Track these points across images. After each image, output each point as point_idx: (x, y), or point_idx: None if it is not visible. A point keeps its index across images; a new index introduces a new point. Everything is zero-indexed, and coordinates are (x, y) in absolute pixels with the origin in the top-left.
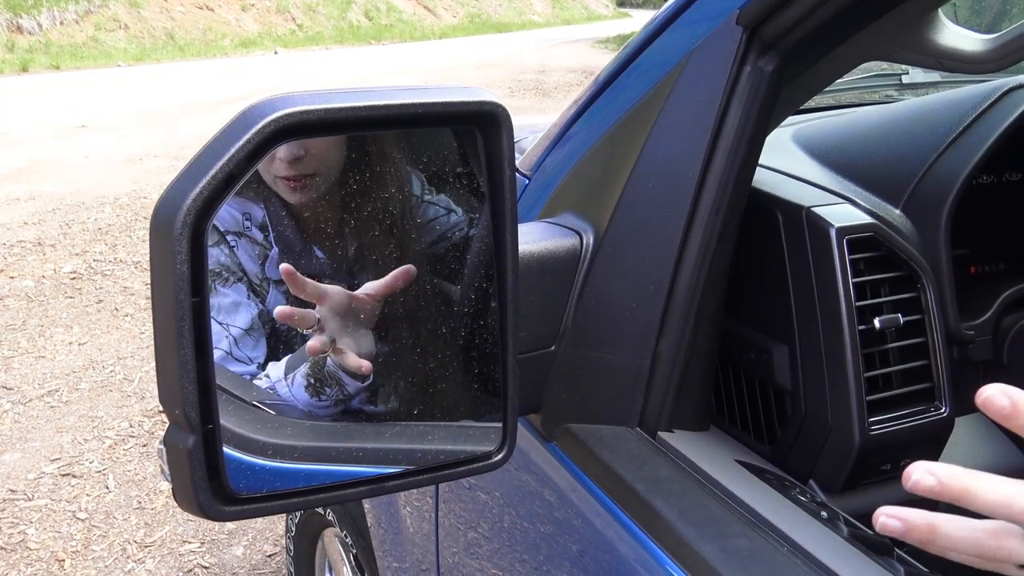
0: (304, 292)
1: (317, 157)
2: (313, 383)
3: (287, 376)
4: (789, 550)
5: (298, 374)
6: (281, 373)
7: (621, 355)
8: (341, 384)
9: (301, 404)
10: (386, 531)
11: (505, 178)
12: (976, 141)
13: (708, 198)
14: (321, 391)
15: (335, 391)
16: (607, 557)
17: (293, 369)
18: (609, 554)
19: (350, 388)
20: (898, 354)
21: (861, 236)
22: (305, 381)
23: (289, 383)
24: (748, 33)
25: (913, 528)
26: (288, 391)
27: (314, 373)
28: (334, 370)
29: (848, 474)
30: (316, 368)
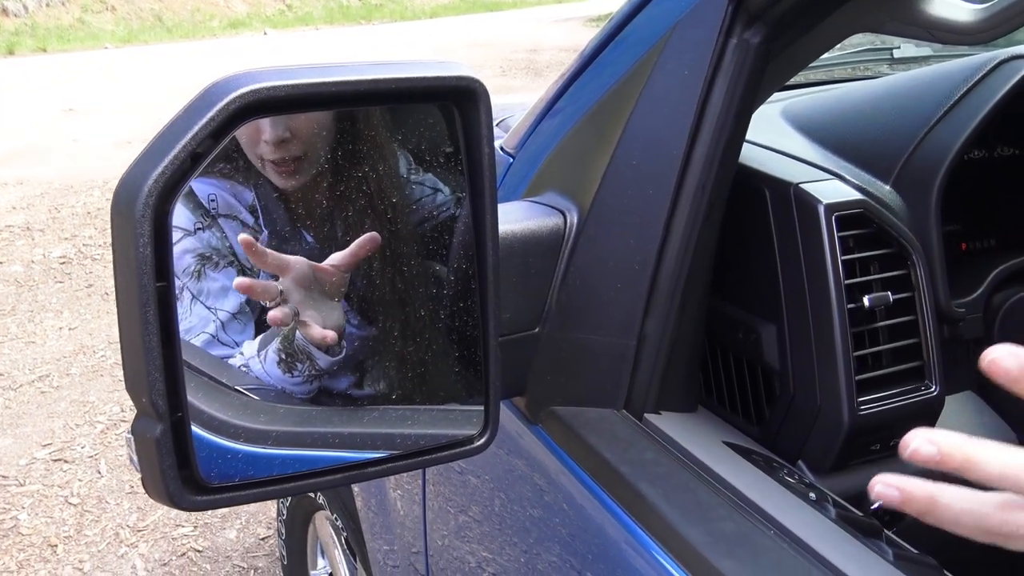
0: (265, 263)
1: (304, 139)
2: (284, 358)
3: (260, 353)
4: (776, 533)
5: (270, 350)
6: (255, 350)
7: (606, 336)
8: (312, 359)
9: (274, 380)
10: (375, 514)
11: (484, 155)
12: (967, 115)
13: (694, 175)
14: (293, 366)
15: (306, 366)
16: (596, 541)
17: (266, 345)
18: (598, 538)
19: (321, 363)
20: (888, 333)
21: (850, 213)
22: (277, 357)
23: (262, 359)
24: (734, 4)
25: (911, 499)
26: (261, 367)
27: (285, 348)
28: (304, 344)
29: (837, 454)
30: (286, 343)
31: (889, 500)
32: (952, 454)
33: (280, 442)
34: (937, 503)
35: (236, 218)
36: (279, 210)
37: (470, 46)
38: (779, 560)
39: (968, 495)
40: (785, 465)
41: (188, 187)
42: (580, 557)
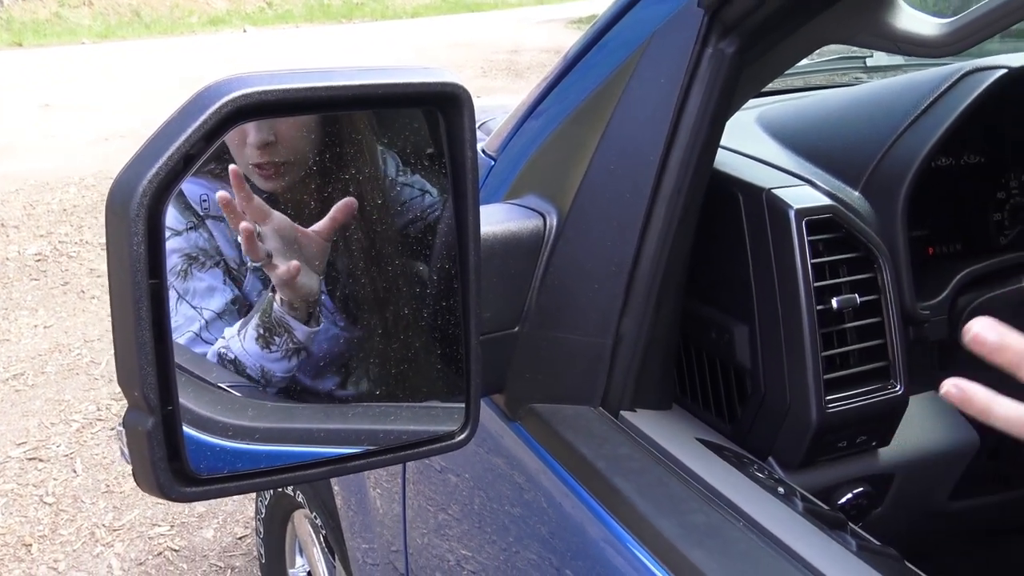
0: (249, 205)
1: (289, 144)
2: (263, 333)
3: (240, 332)
4: (745, 525)
5: (249, 326)
6: (235, 330)
7: (584, 335)
8: (289, 330)
9: (253, 358)
10: (355, 513)
11: (467, 159)
12: (933, 124)
13: (670, 180)
14: (271, 340)
15: (284, 339)
16: (575, 537)
17: (246, 325)
18: (576, 534)
19: (299, 334)
20: (855, 334)
21: (820, 218)
22: (255, 332)
23: (241, 338)
24: (709, 15)
25: (971, 399)
26: (240, 346)
27: (263, 323)
28: (281, 315)
29: (805, 451)
30: (264, 316)
31: (952, 398)
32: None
33: (267, 438)
34: (992, 406)
35: (223, 219)
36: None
37: (451, 46)
38: (748, 550)
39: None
40: (755, 461)
41: (180, 188)
42: (559, 554)
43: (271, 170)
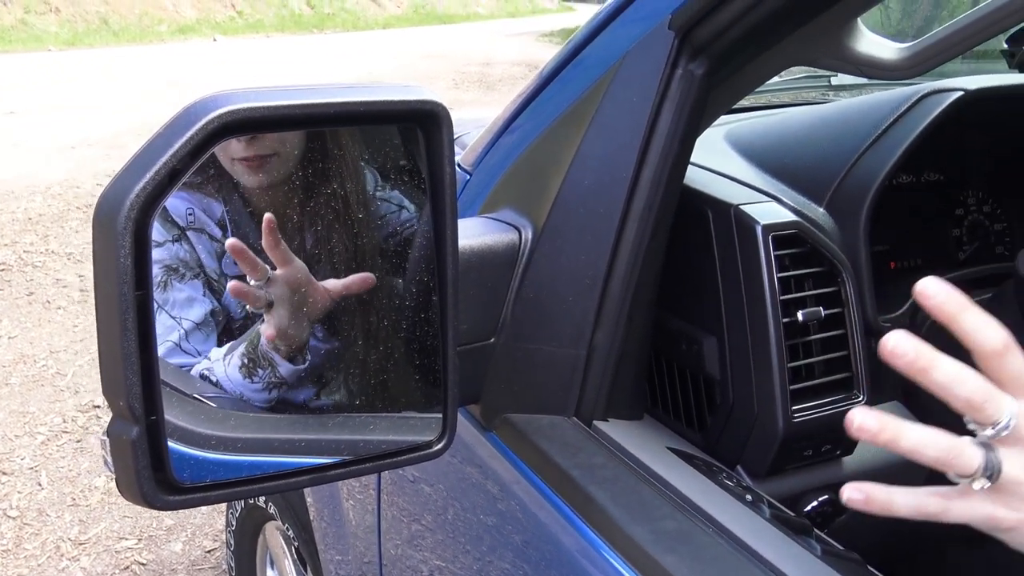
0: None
1: (275, 137)
2: (247, 363)
3: (225, 357)
4: (714, 530)
5: (235, 354)
6: (221, 355)
7: (558, 347)
8: (274, 366)
9: (235, 385)
10: (328, 524)
11: (445, 175)
12: (893, 143)
13: (641, 196)
14: (254, 372)
15: (267, 373)
16: (548, 545)
17: (233, 351)
18: (550, 542)
19: (282, 370)
20: (820, 345)
21: (786, 233)
22: (240, 361)
23: (226, 364)
24: (680, 37)
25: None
26: (224, 372)
27: (248, 353)
28: (267, 351)
29: (772, 460)
30: (251, 348)
31: (855, 503)
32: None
33: (248, 448)
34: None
35: (204, 231)
36: (249, 225)
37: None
38: (717, 555)
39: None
40: (724, 469)
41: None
42: (533, 563)
43: (256, 162)
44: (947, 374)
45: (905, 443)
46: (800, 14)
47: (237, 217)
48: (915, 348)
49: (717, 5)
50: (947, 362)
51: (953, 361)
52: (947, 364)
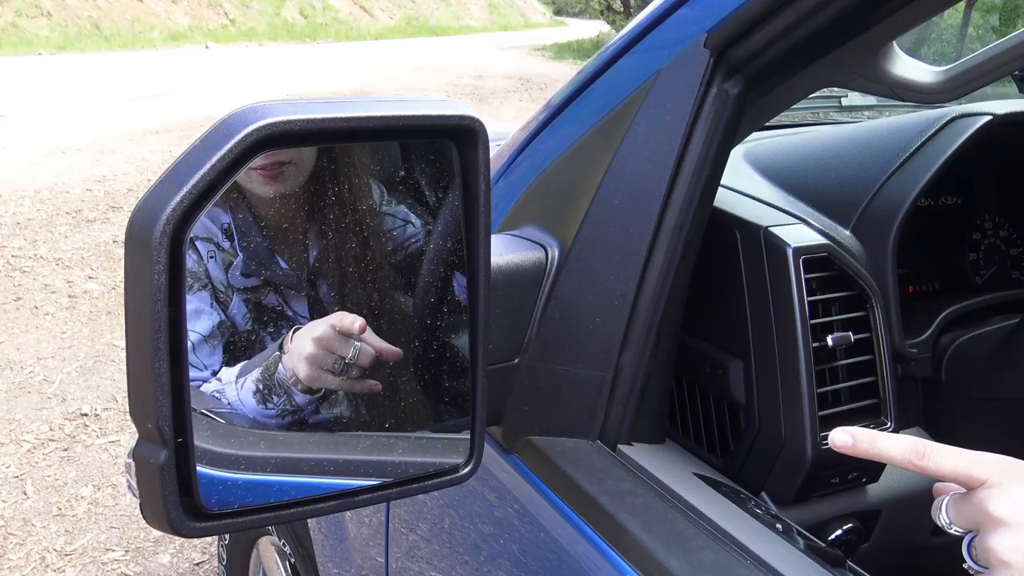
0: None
1: None
2: (262, 389)
3: (238, 380)
4: (752, 563)
5: (249, 379)
6: (233, 377)
7: (584, 368)
8: (289, 394)
9: (248, 410)
10: (327, 537)
11: (480, 192)
12: (922, 167)
13: (672, 215)
14: (268, 399)
15: (282, 400)
16: (551, 557)
17: (245, 374)
18: (575, 571)
19: (298, 399)
20: (847, 371)
21: (816, 256)
22: (254, 387)
23: (239, 387)
24: (715, 56)
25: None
26: (236, 395)
27: (264, 380)
28: (284, 378)
29: (800, 487)
30: (266, 375)
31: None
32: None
33: (279, 468)
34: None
35: (212, 241)
36: (255, 236)
37: (416, 70)
38: None
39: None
40: (751, 497)
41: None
42: (532, 573)
43: (276, 170)
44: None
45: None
46: (837, 36)
47: (244, 227)
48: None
49: (754, 26)
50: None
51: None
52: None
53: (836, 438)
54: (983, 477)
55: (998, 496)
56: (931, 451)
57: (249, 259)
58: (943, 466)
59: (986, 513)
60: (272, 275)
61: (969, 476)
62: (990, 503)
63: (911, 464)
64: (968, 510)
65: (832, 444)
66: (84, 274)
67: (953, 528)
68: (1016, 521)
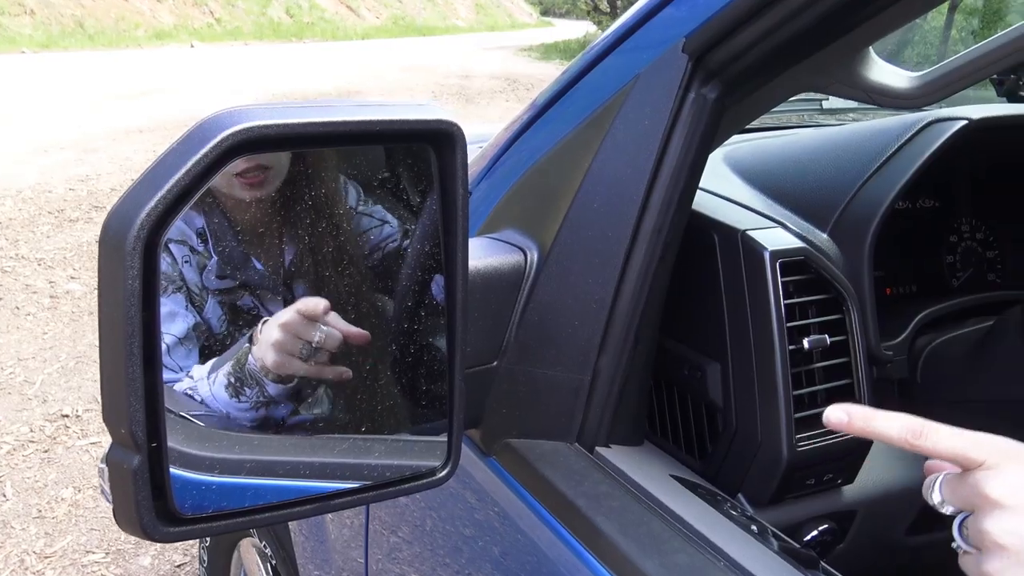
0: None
1: None
2: (234, 383)
3: (210, 376)
4: (726, 564)
5: (220, 373)
6: (205, 373)
7: (562, 371)
8: (261, 385)
9: (220, 404)
10: (307, 539)
11: (458, 196)
12: (898, 170)
13: (651, 219)
14: (241, 391)
15: (255, 392)
16: (531, 560)
17: (217, 369)
18: (535, 558)
19: (270, 390)
20: (823, 373)
21: (792, 260)
22: (226, 380)
23: (211, 382)
24: (693, 61)
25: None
26: (209, 391)
27: (235, 372)
28: (254, 369)
29: (776, 488)
30: (237, 367)
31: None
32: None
33: (255, 472)
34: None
35: (186, 243)
36: (229, 237)
37: (403, 70)
38: None
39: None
40: (728, 498)
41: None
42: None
43: (259, 176)
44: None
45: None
46: (814, 41)
47: (218, 230)
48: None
49: (732, 31)
50: (880, 414)
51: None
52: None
53: (831, 415)
54: (981, 458)
55: (995, 478)
56: (928, 430)
57: (224, 262)
58: (940, 446)
59: (982, 494)
60: (247, 277)
61: (967, 457)
62: (987, 484)
63: (907, 443)
64: (963, 490)
65: (827, 421)
66: (66, 274)
67: (946, 507)
68: (1013, 504)
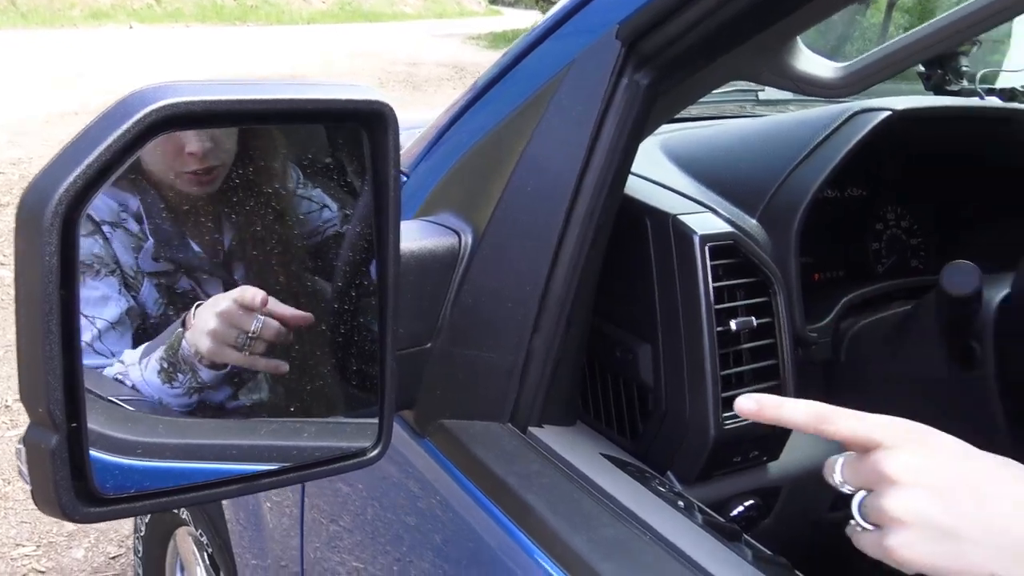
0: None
1: (222, 145)
2: (166, 368)
3: (142, 360)
4: (651, 538)
5: (153, 358)
6: (136, 358)
7: (495, 352)
8: (194, 371)
9: (152, 390)
10: (244, 528)
11: (390, 177)
12: (824, 159)
13: (583, 203)
14: (174, 376)
15: (188, 378)
16: (482, 555)
17: (149, 354)
18: (484, 551)
19: (203, 376)
20: (750, 354)
21: (721, 244)
22: (159, 366)
23: (143, 367)
24: (626, 48)
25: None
26: (140, 376)
27: (168, 357)
28: (188, 354)
29: (703, 466)
30: (170, 352)
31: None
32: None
33: (176, 455)
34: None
35: (120, 226)
36: (166, 219)
37: (349, 56)
38: (654, 562)
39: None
40: (656, 476)
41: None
42: (453, 562)
43: (210, 175)
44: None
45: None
46: (743, 31)
47: (153, 211)
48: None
49: (665, 18)
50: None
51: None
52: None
53: (742, 404)
54: (879, 439)
55: (891, 457)
56: (832, 415)
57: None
58: (843, 429)
59: (880, 473)
60: (185, 259)
61: (868, 439)
62: (884, 463)
63: (813, 428)
64: (862, 471)
65: (738, 410)
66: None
67: (845, 487)
68: (908, 480)
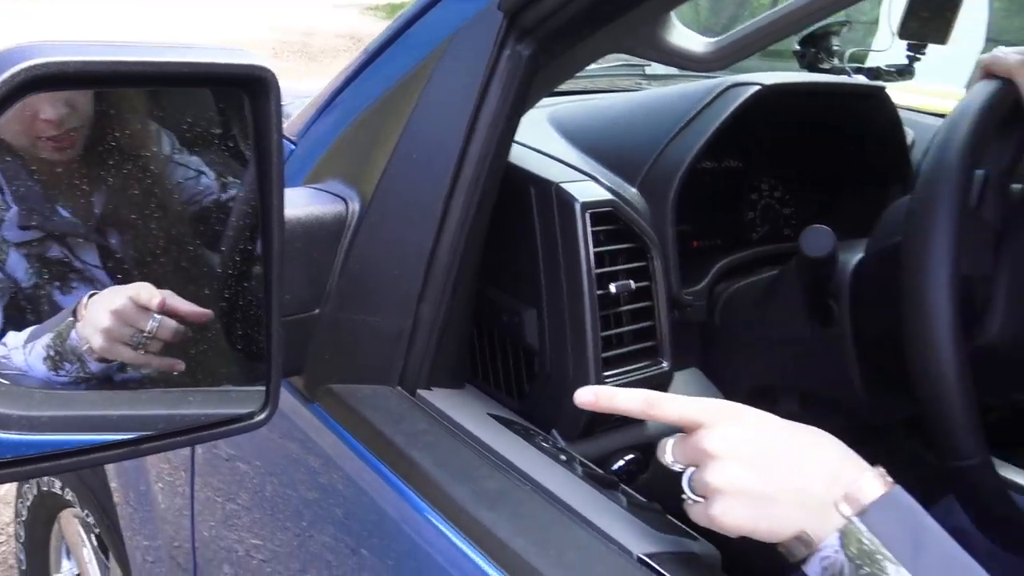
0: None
1: (81, 108)
2: (53, 356)
3: (26, 345)
4: (532, 488)
5: (39, 344)
6: (21, 341)
7: (383, 318)
8: (83, 362)
9: (38, 375)
10: (135, 509)
11: (272, 143)
12: (698, 131)
13: (468, 171)
14: (60, 365)
15: (75, 368)
16: (371, 516)
17: (35, 339)
18: (373, 511)
19: (92, 368)
20: (629, 316)
21: (601, 211)
22: (45, 352)
23: (27, 352)
24: (508, 19)
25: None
26: (24, 360)
27: (55, 346)
28: (76, 345)
29: (585, 423)
30: (58, 341)
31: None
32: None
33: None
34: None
35: None
36: (29, 185)
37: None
38: (534, 511)
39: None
40: (541, 433)
41: None
42: (355, 534)
43: (69, 140)
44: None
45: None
46: (619, 5)
47: (14, 176)
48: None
49: None
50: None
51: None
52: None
53: (581, 396)
54: (701, 419)
55: (711, 434)
56: (659, 401)
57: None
58: (670, 413)
59: (701, 449)
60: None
61: (692, 420)
62: (704, 441)
63: (645, 414)
64: (688, 449)
65: (578, 402)
66: None
67: (676, 465)
68: (725, 454)
